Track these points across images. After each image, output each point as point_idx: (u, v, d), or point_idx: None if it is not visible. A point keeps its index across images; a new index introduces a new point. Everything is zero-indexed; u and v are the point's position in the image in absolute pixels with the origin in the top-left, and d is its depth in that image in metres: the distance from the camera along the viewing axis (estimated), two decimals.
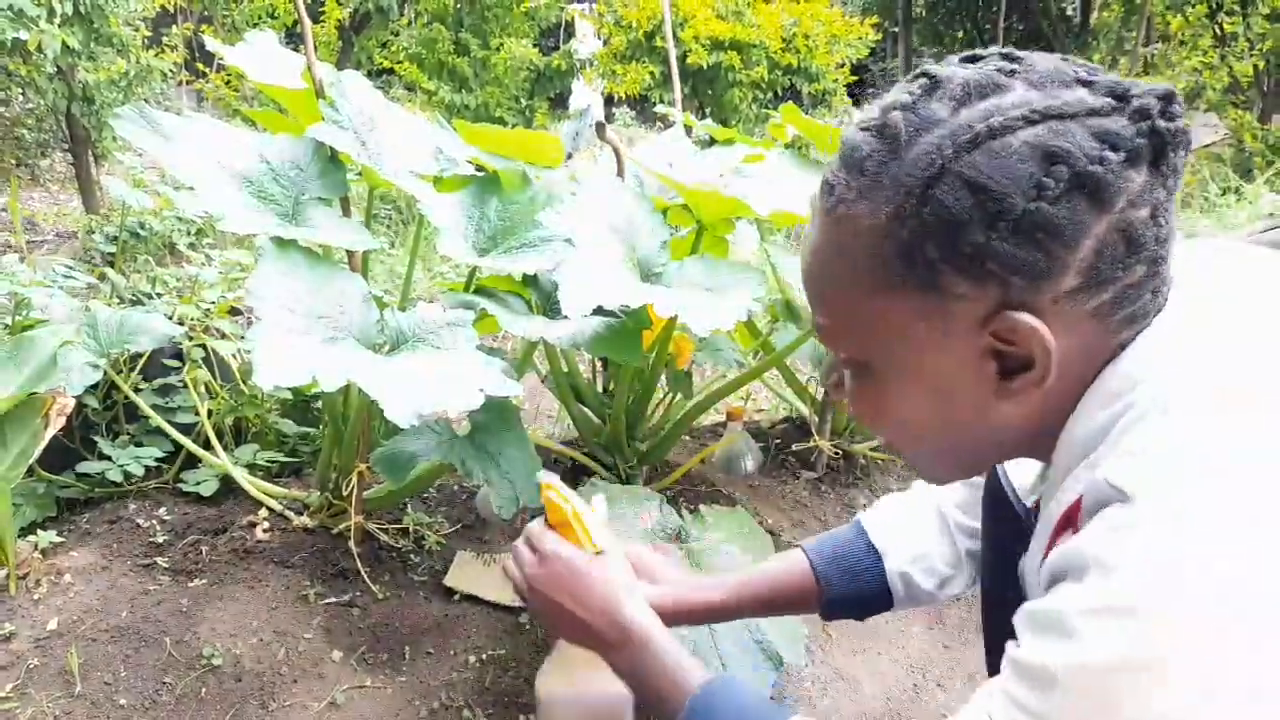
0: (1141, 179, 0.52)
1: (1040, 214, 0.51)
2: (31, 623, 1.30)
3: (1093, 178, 0.51)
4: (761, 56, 7.63)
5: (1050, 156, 0.51)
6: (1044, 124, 0.52)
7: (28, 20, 3.42)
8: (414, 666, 1.37)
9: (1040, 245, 0.52)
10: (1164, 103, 0.53)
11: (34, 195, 5.70)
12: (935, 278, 0.55)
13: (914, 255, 0.55)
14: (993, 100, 0.53)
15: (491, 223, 1.56)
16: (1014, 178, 0.52)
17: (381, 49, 7.01)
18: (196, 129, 1.38)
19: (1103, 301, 0.54)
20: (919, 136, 0.54)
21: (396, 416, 1.05)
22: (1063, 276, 0.53)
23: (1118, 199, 0.52)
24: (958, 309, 0.55)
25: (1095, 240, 0.52)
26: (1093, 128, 0.52)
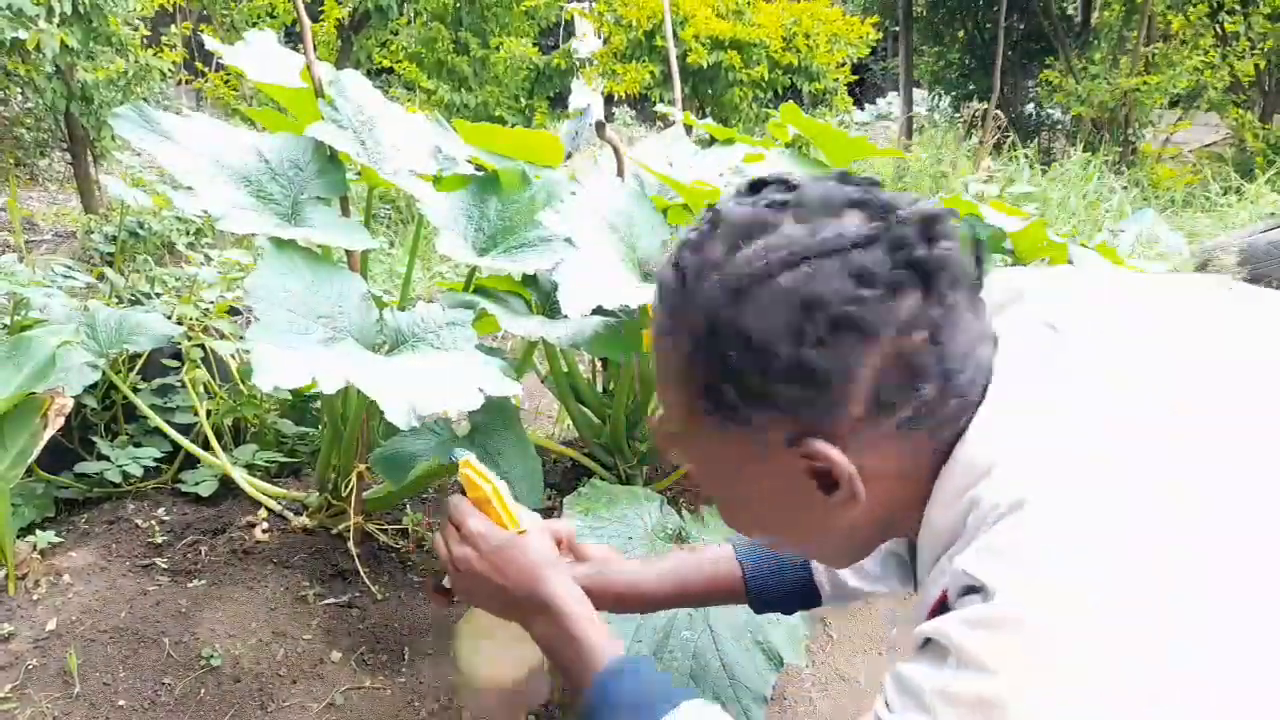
0: (909, 305, 0.54)
1: (805, 358, 0.54)
2: (30, 623, 1.30)
3: (849, 318, 0.53)
4: (762, 56, 7.63)
5: (806, 304, 0.53)
6: (801, 266, 0.54)
7: (27, 20, 3.42)
8: (413, 667, 1.36)
9: (813, 385, 0.55)
10: (923, 227, 0.54)
11: (33, 195, 5.70)
12: (736, 413, 0.58)
13: (713, 394, 0.58)
14: (759, 242, 0.55)
15: (491, 222, 1.55)
16: (775, 327, 0.54)
17: (381, 48, 7.00)
18: (195, 128, 1.37)
19: (901, 419, 0.56)
20: (699, 281, 0.57)
21: (396, 417, 1.05)
22: (847, 406, 0.55)
23: (883, 330, 0.53)
24: (766, 438, 0.58)
25: (870, 370, 0.54)
26: (850, 265, 0.53)
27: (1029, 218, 1.87)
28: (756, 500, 0.65)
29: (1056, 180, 5.53)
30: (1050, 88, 8.15)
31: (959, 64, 9.32)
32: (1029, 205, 4.51)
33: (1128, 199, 5.55)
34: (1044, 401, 0.56)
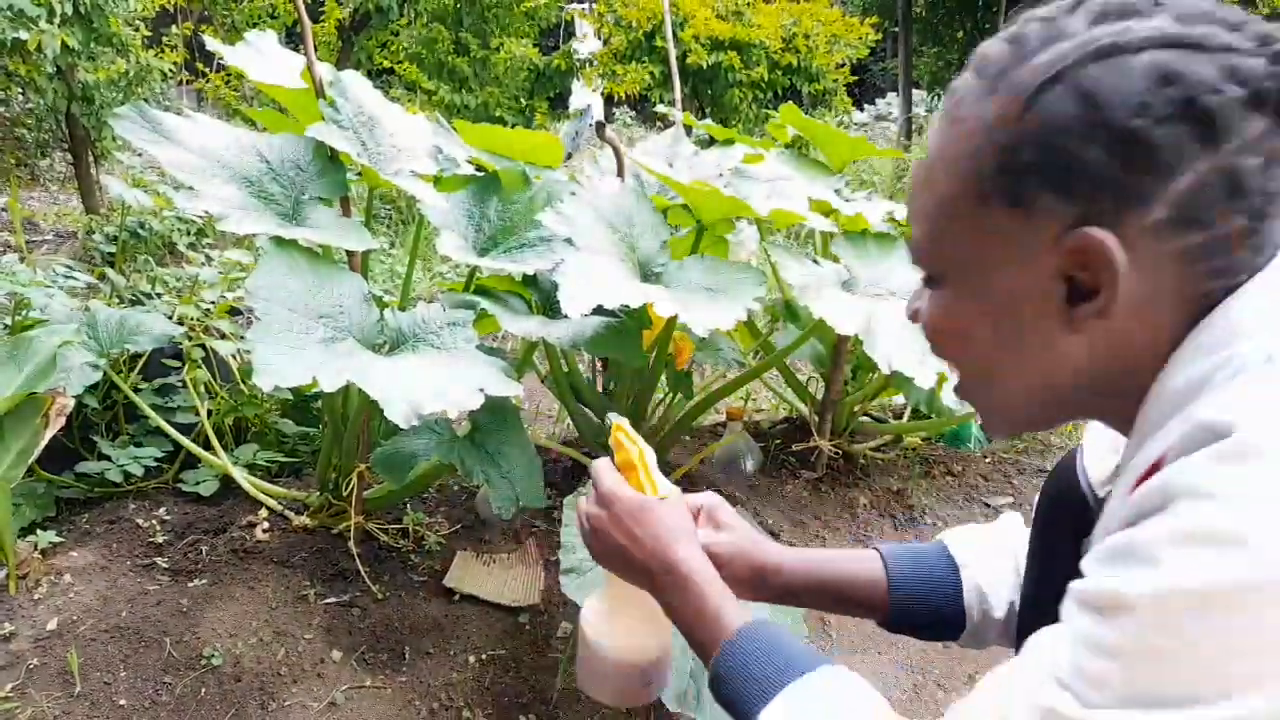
0: (1262, 125, 0.51)
1: (1141, 132, 0.50)
2: (31, 623, 1.30)
3: (1205, 108, 0.50)
4: (761, 56, 7.63)
5: (1166, 79, 0.50)
6: (1174, 50, 0.51)
7: (28, 20, 3.42)
8: (414, 666, 1.36)
9: (1134, 166, 0.51)
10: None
11: (34, 195, 5.70)
12: (1023, 187, 0.54)
13: (1009, 159, 0.54)
14: (1131, 22, 0.52)
15: (491, 223, 1.56)
16: (1124, 92, 0.50)
17: (381, 49, 7.00)
18: (196, 129, 1.38)
19: (1191, 245, 0.52)
20: (1047, 45, 0.53)
21: (396, 416, 1.05)
22: (1152, 205, 0.51)
23: (1229, 138, 0.50)
24: (1038, 224, 0.54)
25: (1195, 175, 0.50)
26: (1222, 62, 0.50)
27: None
28: (992, 305, 0.59)
29: None
30: None
31: (958, 64, 9.32)
32: None
33: None
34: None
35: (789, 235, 4.36)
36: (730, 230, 1.88)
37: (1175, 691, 0.44)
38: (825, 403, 2.10)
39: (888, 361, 1.44)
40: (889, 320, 1.52)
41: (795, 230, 4.25)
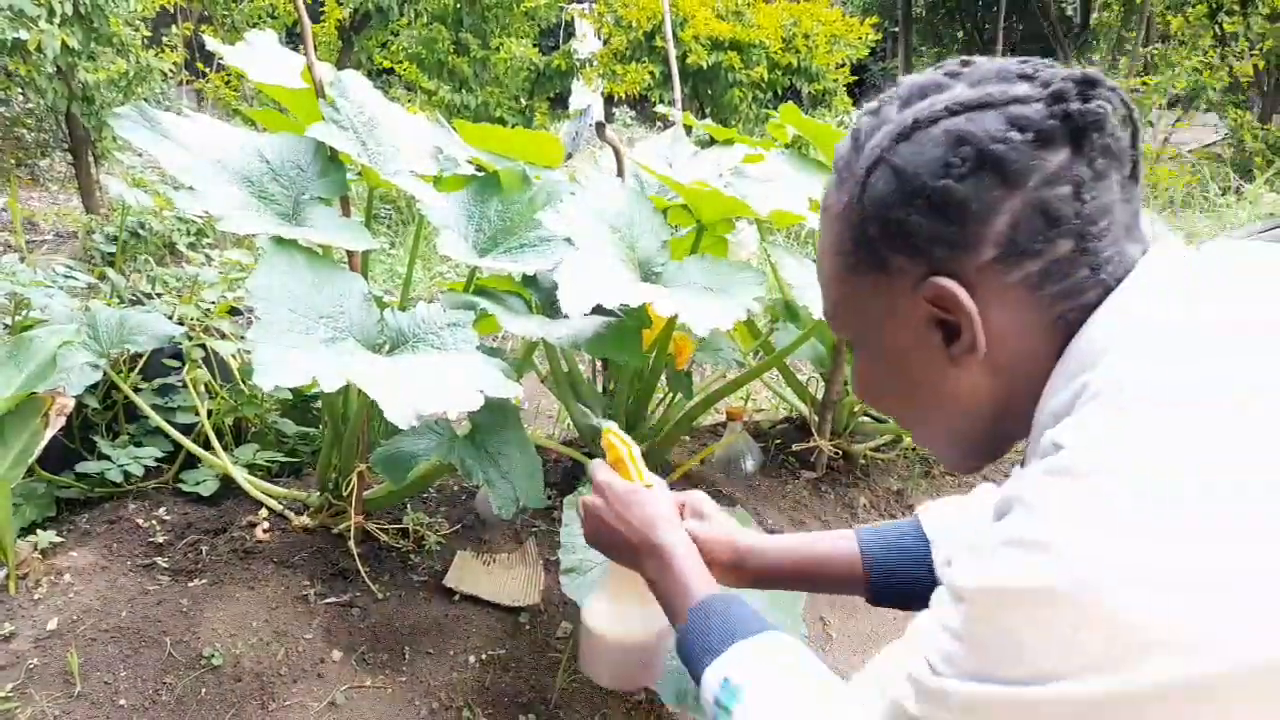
0: (1059, 159, 0.57)
1: (948, 190, 0.58)
2: (31, 623, 1.30)
3: (995, 156, 0.57)
4: (761, 56, 7.63)
5: (959, 140, 0.58)
6: (963, 114, 0.59)
7: (28, 20, 3.42)
8: (414, 666, 1.36)
9: (952, 218, 0.58)
10: (1082, 86, 0.58)
11: (34, 195, 5.70)
12: (878, 255, 0.63)
13: (861, 236, 0.63)
14: (931, 97, 0.61)
15: (491, 223, 1.56)
16: (927, 160, 0.59)
17: (381, 49, 7.00)
18: (196, 129, 1.38)
19: (1029, 273, 0.58)
20: (871, 135, 0.63)
21: (396, 417, 1.05)
22: (980, 247, 0.58)
23: (1028, 176, 0.57)
24: (898, 282, 0.62)
25: (1009, 214, 0.57)
26: (1007, 114, 0.58)
27: None
28: (886, 357, 0.68)
29: None
30: None
31: None
32: None
33: None
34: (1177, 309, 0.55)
35: (789, 235, 4.36)
36: (730, 230, 1.88)
37: (1001, 672, 0.50)
38: (825, 403, 2.10)
39: None
40: None
41: (795, 230, 4.25)
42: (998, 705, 0.50)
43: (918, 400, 0.68)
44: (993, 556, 0.51)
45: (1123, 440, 0.49)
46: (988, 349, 0.60)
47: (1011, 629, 0.50)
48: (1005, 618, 0.50)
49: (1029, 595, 0.49)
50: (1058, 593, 0.48)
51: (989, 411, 0.64)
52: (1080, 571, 0.47)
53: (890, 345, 0.66)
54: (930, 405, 0.67)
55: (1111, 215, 0.59)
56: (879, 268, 0.63)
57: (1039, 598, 0.48)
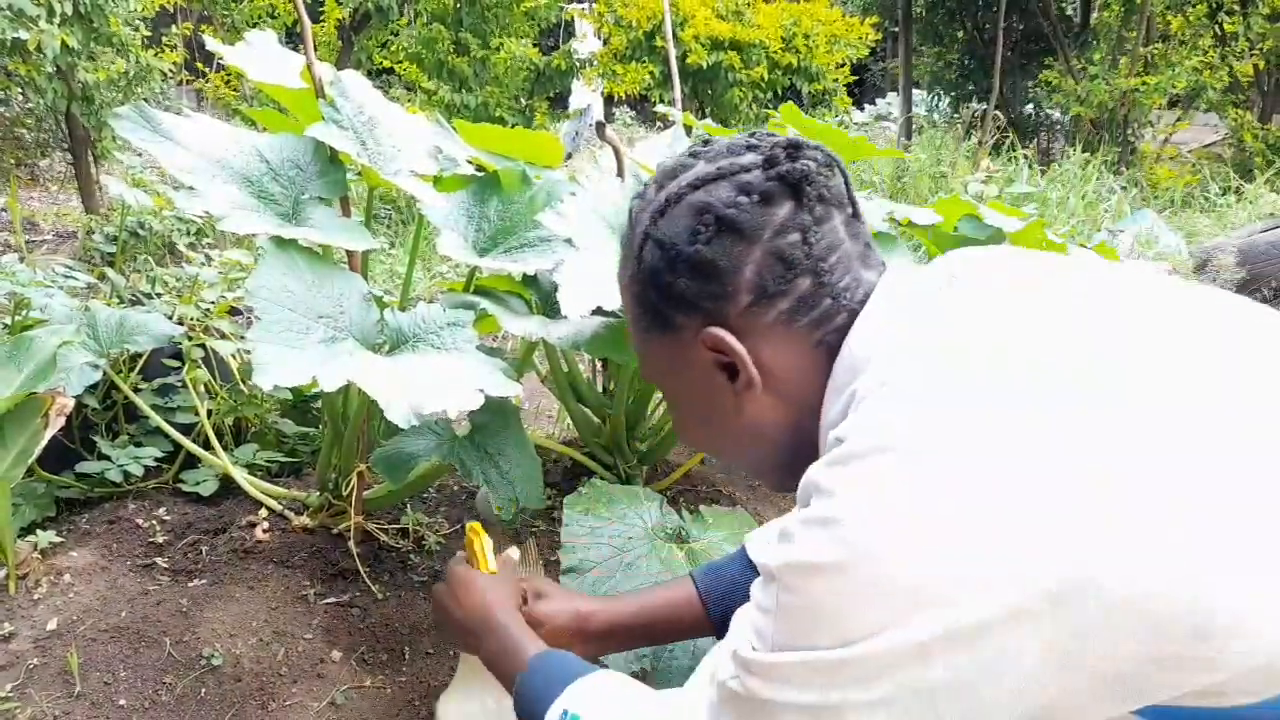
0: (784, 211, 0.68)
1: (700, 254, 0.69)
2: (31, 623, 1.30)
3: (731, 219, 0.68)
4: (761, 56, 7.63)
5: (700, 210, 0.69)
6: (702, 188, 0.70)
7: (27, 20, 3.42)
8: (414, 666, 1.36)
9: (709, 276, 0.69)
10: (790, 150, 0.69)
11: (33, 195, 5.70)
12: (662, 316, 0.73)
13: (646, 302, 0.74)
14: (678, 178, 0.72)
15: (491, 223, 1.55)
16: (680, 231, 0.70)
17: (381, 49, 7.00)
18: (196, 128, 1.38)
19: (781, 311, 0.69)
20: (640, 216, 0.74)
21: (396, 417, 1.05)
22: (737, 296, 0.69)
23: (761, 232, 0.68)
24: (682, 336, 0.72)
25: (753, 265, 0.68)
26: (735, 182, 0.69)
27: (1028, 218, 1.87)
28: (691, 402, 0.79)
29: (1056, 180, 5.53)
30: (1049, 88, 8.15)
31: (958, 64, 9.33)
32: (1028, 205, 4.51)
33: (1127, 199, 5.55)
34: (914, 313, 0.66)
35: None
36: None
37: (809, 640, 0.57)
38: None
39: None
40: None
41: None
42: (806, 669, 0.57)
43: (725, 436, 0.78)
44: (795, 537, 0.59)
45: (890, 427, 0.58)
46: (764, 381, 0.71)
47: (815, 599, 0.57)
48: (809, 589, 0.57)
49: (827, 568, 0.56)
50: (849, 564, 0.55)
51: (784, 434, 0.74)
52: (865, 544, 0.55)
53: (691, 392, 0.77)
54: (735, 438, 0.77)
55: (840, 250, 0.70)
56: (666, 327, 0.73)
57: (835, 569, 0.56)
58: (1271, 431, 0.56)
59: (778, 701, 0.59)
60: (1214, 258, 3.88)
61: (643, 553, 1.35)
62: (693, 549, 1.41)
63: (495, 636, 0.91)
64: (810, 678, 0.57)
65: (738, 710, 0.62)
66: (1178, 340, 0.62)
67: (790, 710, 0.59)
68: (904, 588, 0.54)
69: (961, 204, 1.89)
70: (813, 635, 0.57)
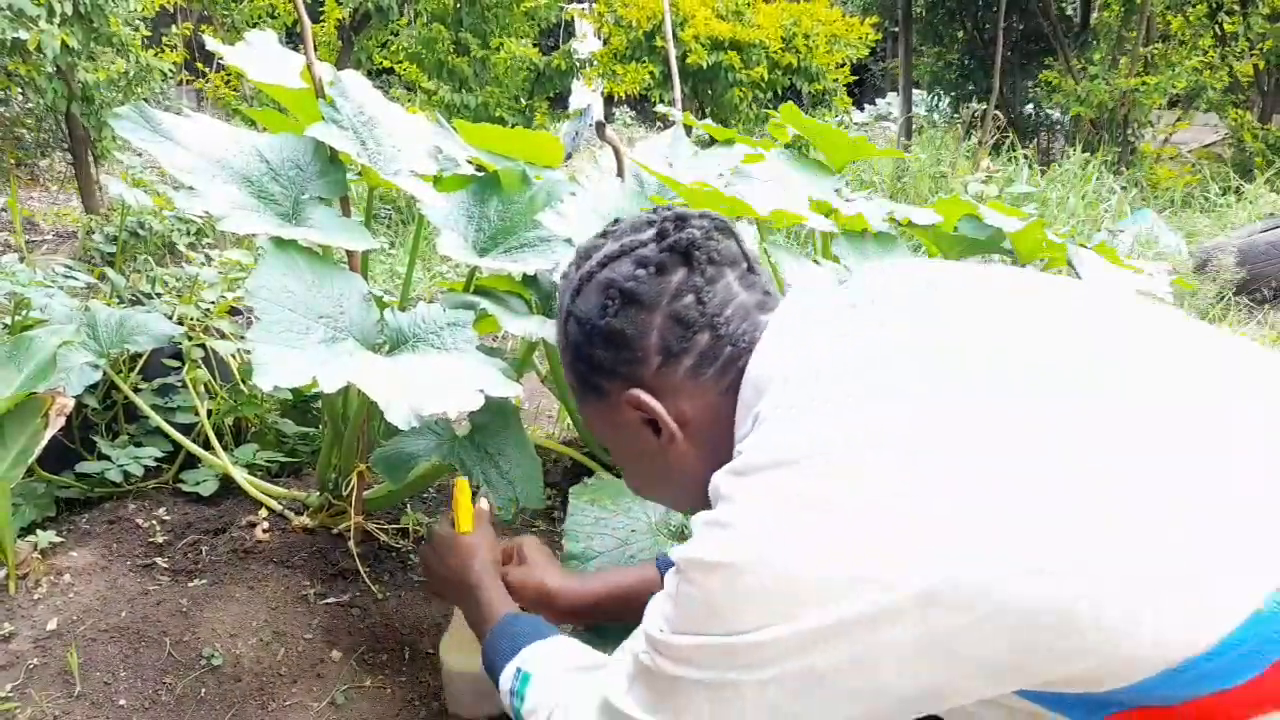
0: (677, 277, 0.76)
1: (610, 325, 0.76)
2: (31, 623, 1.30)
3: (631, 291, 0.76)
4: (761, 56, 7.63)
5: (607, 286, 0.77)
6: (608, 265, 0.77)
7: (27, 20, 3.42)
8: (414, 666, 1.36)
9: (621, 345, 0.77)
10: (677, 222, 0.77)
11: (33, 195, 5.70)
12: (590, 383, 0.81)
13: (577, 372, 0.82)
14: (591, 258, 0.79)
15: (491, 223, 1.56)
16: (591, 306, 0.78)
17: (381, 49, 7.00)
18: (196, 128, 1.38)
19: (687, 367, 0.76)
20: (562, 295, 0.83)
21: (396, 417, 1.05)
22: (648, 359, 0.76)
23: (660, 299, 0.75)
24: (610, 400, 0.80)
25: (656, 330, 0.76)
26: (634, 257, 0.76)
27: (1028, 218, 1.87)
28: (629, 458, 0.87)
29: (1056, 180, 5.53)
30: (1049, 88, 8.15)
31: (958, 64, 9.32)
32: (1028, 205, 4.51)
33: (1127, 199, 5.55)
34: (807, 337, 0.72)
35: (789, 235, 4.36)
36: None
37: (702, 627, 0.64)
38: None
39: None
40: None
41: (795, 230, 4.25)
42: (702, 652, 0.64)
43: (662, 483, 0.86)
44: (696, 536, 0.65)
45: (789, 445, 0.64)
46: (684, 431, 0.78)
47: (708, 593, 0.63)
48: (704, 584, 0.63)
49: (720, 567, 0.62)
50: (738, 566, 0.62)
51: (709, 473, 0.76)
52: (754, 550, 0.61)
53: (628, 449, 0.84)
54: (670, 484, 0.86)
55: (735, 302, 0.77)
56: (596, 393, 0.81)
57: (725, 569, 0.62)
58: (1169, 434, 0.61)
59: (681, 678, 0.66)
60: (1214, 258, 3.88)
61: (645, 546, 1.35)
62: None
63: (471, 596, 1.02)
64: (706, 659, 0.64)
65: (648, 683, 0.70)
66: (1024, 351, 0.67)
67: (692, 686, 0.66)
68: (786, 591, 0.60)
69: (961, 204, 1.89)
70: (706, 624, 0.64)
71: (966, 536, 0.57)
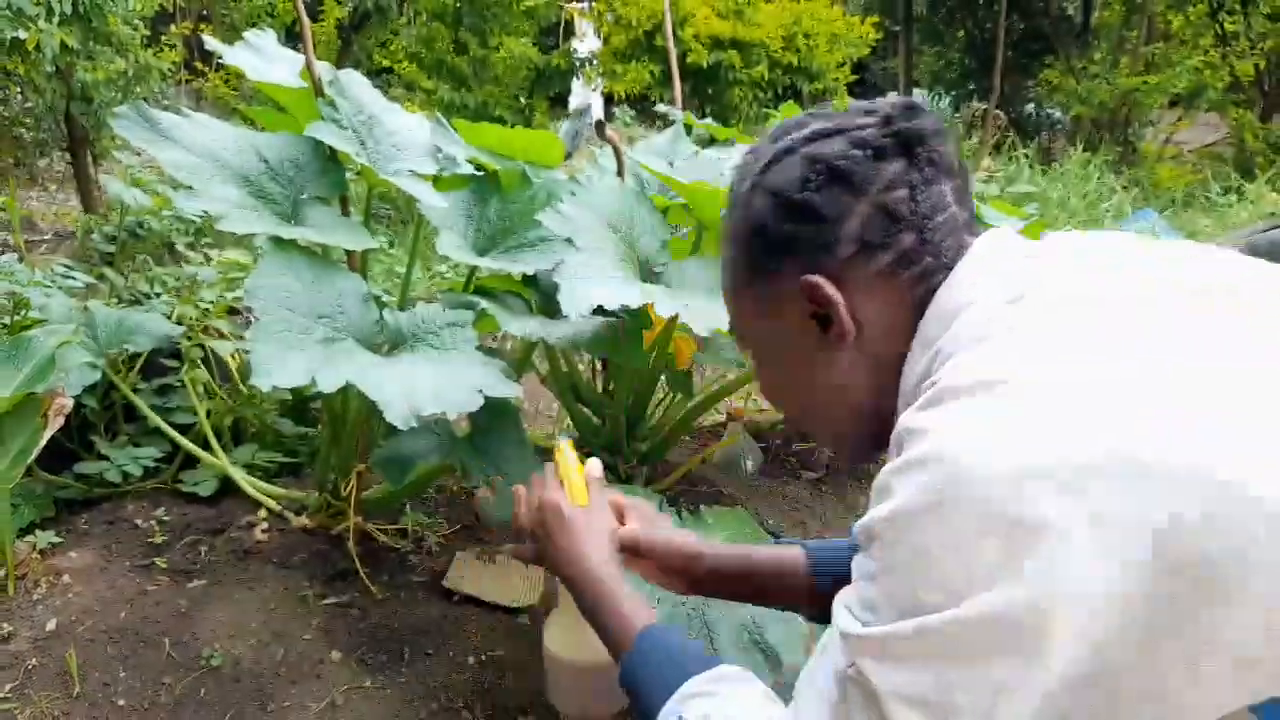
0: (894, 168, 0.68)
1: (808, 200, 0.69)
2: (30, 623, 1.30)
3: (842, 170, 0.68)
4: (762, 55, 7.63)
5: (813, 160, 0.70)
6: (816, 141, 0.71)
7: (26, 19, 3.41)
8: (413, 667, 1.36)
9: (814, 224, 0.69)
10: (905, 110, 0.70)
11: (32, 195, 5.70)
12: (761, 265, 0.73)
13: (747, 251, 0.74)
14: (792, 133, 0.73)
15: (491, 223, 1.55)
16: (789, 179, 0.70)
17: (380, 48, 7.00)
18: (195, 128, 1.37)
19: (883, 264, 0.68)
20: (751, 168, 0.75)
21: (395, 418, 1.05)
22: (839, 246, 0.69)
23: (871, 185, 0.68)
24: (779, 286, 0.72)
25: (858, 217, 0.68)
26: (850, 137, 0.69)
27: (1029, 217, 1.87)
28: (778, 357, 0.78)
29: (1056, 180, 5.53)
30: (1050, 88, 8.15)
31: (959, 64, 9.32)
32: (1029, 205, 4.51)
33: (1128, 198, 5.55)
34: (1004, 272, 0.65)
35: None
36: None
37: (918, 598, 0.52)
38: None
39: None
40: None
41: None
42: (919, 641, 0.52)
43: (808, 394, 0.76)
44: (891, 488, 0.55)
45: (975, 368, 0.56)
46: (858, 333, 0.70)
47: (921, 549, 0.52)
48: (911, 539, 0.52)
49: (929, 509, 0.51)
50: (952, 500, 0.51)
51: (865, 397, 0.73)
52: (968, 476, 0.50)
53: (779, 346, 0.76)
54: (818, 397, 0.76)
55: (947, 213, 0.69)
56: (763, 277, 0.74)
57: (938, 510, 0.51)
58: None
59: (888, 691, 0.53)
60: None
61: None
62: None
63: (592, 591, 0.85)
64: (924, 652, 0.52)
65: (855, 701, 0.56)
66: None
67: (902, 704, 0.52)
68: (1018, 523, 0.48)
69: None
70: (921, 591, 0.52)
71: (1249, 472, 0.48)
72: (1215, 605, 0.47)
